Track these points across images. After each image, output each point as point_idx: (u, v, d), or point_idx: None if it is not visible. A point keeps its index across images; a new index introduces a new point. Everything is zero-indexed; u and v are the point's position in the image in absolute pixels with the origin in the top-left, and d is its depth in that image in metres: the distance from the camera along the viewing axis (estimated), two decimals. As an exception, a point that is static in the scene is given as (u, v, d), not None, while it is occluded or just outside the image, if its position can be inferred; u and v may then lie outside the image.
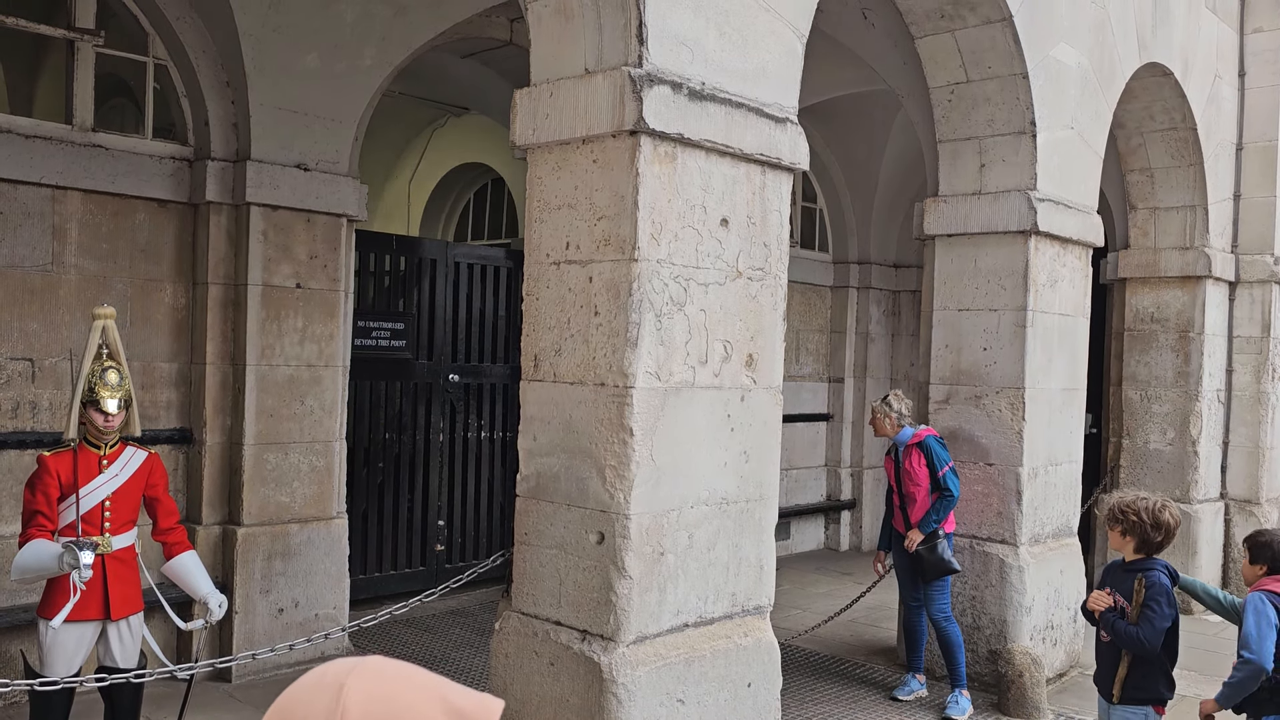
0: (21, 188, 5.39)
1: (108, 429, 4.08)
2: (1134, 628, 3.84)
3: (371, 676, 0.94)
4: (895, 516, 6.19)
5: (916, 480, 5.98)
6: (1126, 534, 3.90)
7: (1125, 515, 3.88)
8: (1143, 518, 3.85)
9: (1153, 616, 3.82)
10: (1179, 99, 8.05)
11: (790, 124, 4.22)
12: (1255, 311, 9.04)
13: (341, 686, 0.92)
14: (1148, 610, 3.84)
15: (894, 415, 6.04)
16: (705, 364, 3.93)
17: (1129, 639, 3.83)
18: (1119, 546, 3.98)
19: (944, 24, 6.08)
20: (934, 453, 5.93)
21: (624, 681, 3.64)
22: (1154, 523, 3.85)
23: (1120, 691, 3.93)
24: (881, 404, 6.14)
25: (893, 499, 6.24)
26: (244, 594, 5.98)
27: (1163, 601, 3.84)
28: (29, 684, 3.92)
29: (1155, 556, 3.93)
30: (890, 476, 6.24)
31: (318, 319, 6.29)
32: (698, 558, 3.95)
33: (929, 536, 5.88)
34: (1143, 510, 3.86)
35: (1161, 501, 3.91)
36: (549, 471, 3.91)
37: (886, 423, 6.06)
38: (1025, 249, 6.11)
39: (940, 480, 5.89)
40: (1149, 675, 3.93)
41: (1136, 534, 3.88)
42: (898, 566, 6.19)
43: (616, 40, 3.70)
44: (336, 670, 0.94)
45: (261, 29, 5.89)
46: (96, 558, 3.94)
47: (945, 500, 5.88)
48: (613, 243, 3.70)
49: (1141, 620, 3.84)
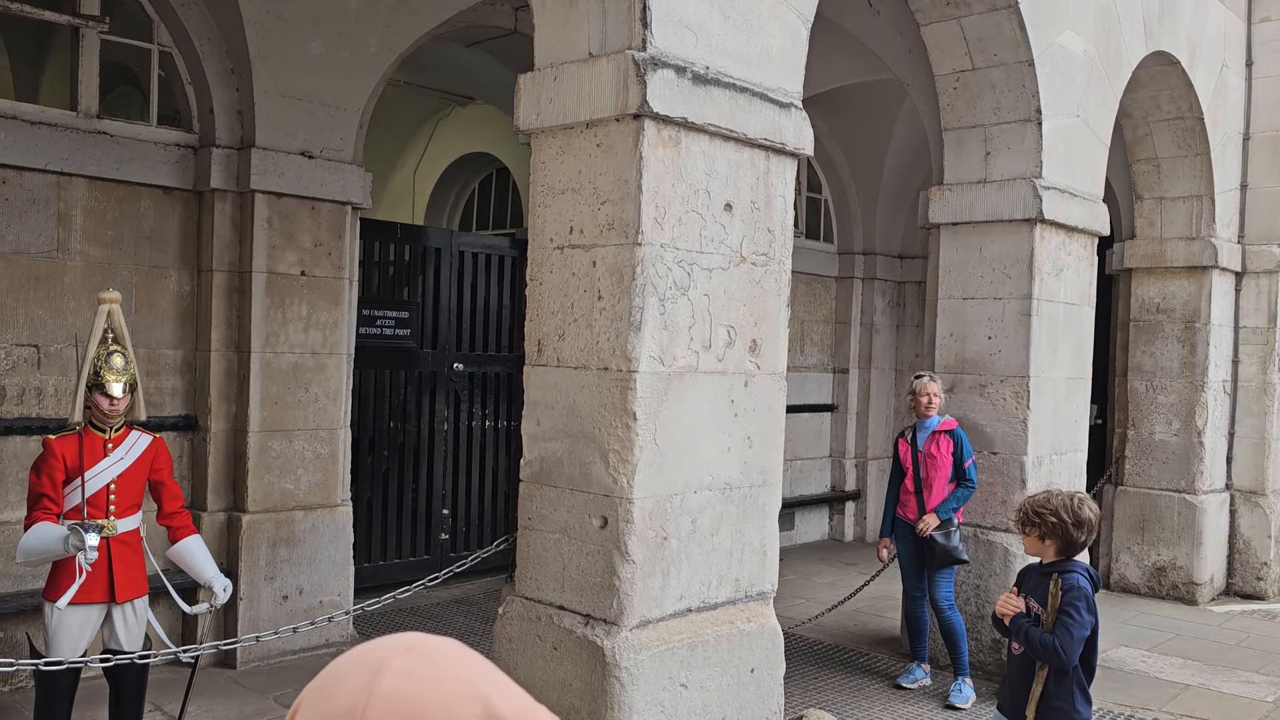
0: (27, 174, 5.40)
1: (113, 413, 4.09)
2: (1050, 636, 3.39)
3: (416, 661, 0.84)
4: (903, 503, 6.10)
5: (939, 466, 5.90)
6: (1046, 537, 3.49)
7: (1042, 516, 3.47)
8: (1063, 517, 3.44)
9: (1070, 624, 3.37)
10: (1186, 88, 8.02)
11: (795, 109, 4.21)
12: (1261, 302, 9.01)
13: (380, 669, 0.83)
14: (1065, 616, 3.40)
15: (939, 399, 5.99)
16: (709, 349, 3.92)
17: (1044, 649, 3.39)
18: (1037, 551, 3.57)
19: (949, 11, 6.06)
20: (964, 442, 5.91)
21: (627, 665, 3.64)
22: (1075, 521, 3.45)
23: (1036, 713, 3.45)
24: (929, 381, 6.01)
25: (903, 485, 6.11)
26: (249, 581, 6.00)
27: (1081, 607, 3.40)
28: (33, 663, 3.94)
29: (1076, 558, 3.53)
30: (906, 460, 6.08)
31: (322, 307, 6.30)
32: (701, 543, 3.95)
33: (944, 523, 5.83)
34: (1061, 509, 3.45)
35: (1078, 496, 3.53)
36: (552, 456, 3.92)
37: (935, 402, 5.96)
38: (1030, 237, 6.10)
39: (966, 471, 5.87)
40: (1067, 692, 3.46)
41: (1058, 536, 3.47)
42: (902, 555, 6.14)
43: (620, 24, 3.70)
44: (386, 648, 0.86)
45: (266, 16, 5.89)
46: (101, 540, 3.95)
47: (966, 490, 5.90)
48: (616, 227, 3.70)
49: (1058, 628, 3.40)
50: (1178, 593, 8.57)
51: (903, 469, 6.13)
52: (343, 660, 0.86)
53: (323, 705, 0.83)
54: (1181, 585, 8.57)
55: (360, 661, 0.84)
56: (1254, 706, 5.99)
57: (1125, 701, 6.00)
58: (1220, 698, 6.13)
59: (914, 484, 6.00)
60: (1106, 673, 6.52)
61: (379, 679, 0.81)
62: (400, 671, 0.82)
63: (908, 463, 6.07)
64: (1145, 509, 8.77)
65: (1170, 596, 8.58)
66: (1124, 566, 8.88)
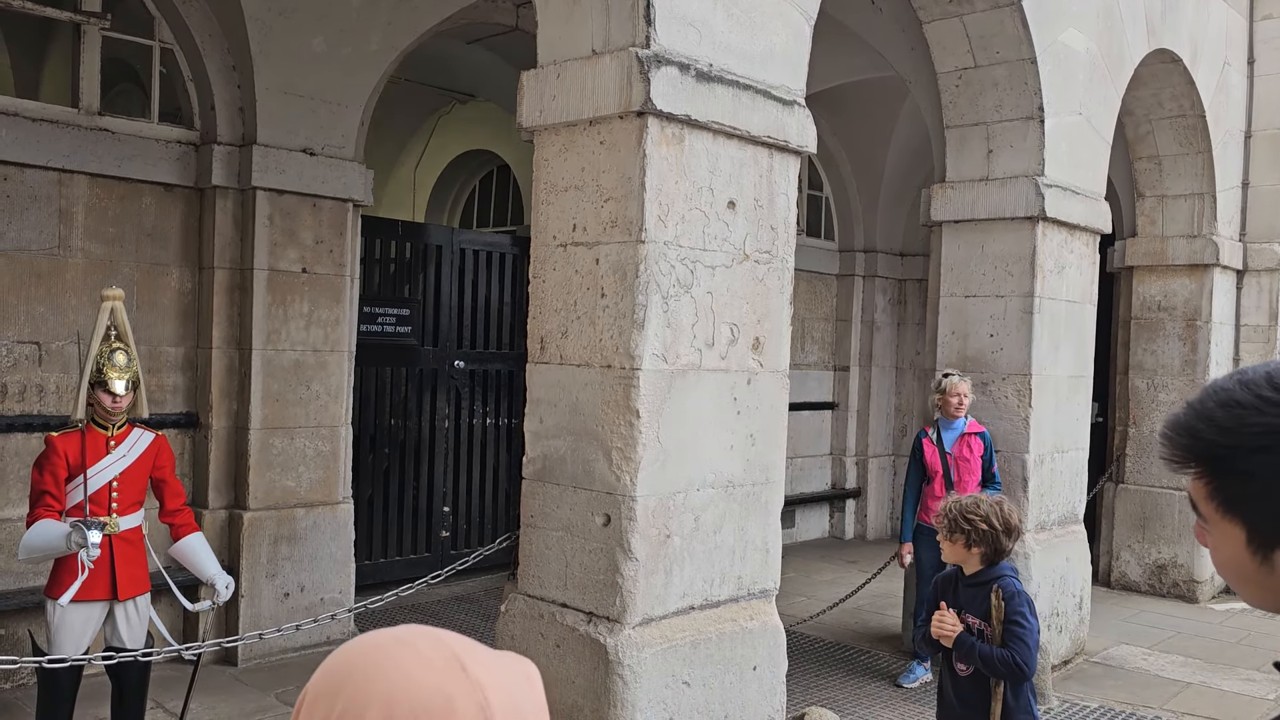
0: (28, 171, 5.40)
1: (115, 410, 4.08)
2: (1004, 650, 3.23)
3: (486, 663, 0.80)
4: (927, 507, 5.80)
5: (972, 470, 5.74)
6: (974, 544, 3.34)
7: (972, 523, 3.31)
8: (994, 523, 3.30)
9: (1022, 632, 3.23)
10: (1188, 86, 8.01)
11: (798, 106, 4.20)
12: (1263, 300, 9.01)
13: (466, 669, 0.78)
14: (1015, 627, 3.25)
15: (969, 398, 5.85)
16: (712, 346, 3.92)
17: (1004, 664, 3.22)
18: (960, 559, 3.42)
19: (952, 8, 6.06)
20: (991, 445, 5.82)
21: (629, 663, 3.64)
22: (1005, 527, 3.32)
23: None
24: (959, 380, 5.83)
25: (927, 488, 5.86)
26: (250, 578, 6.00)
27: (1027, 611, 3.28)
28: (36, 660, 3.94)
29: (1002, 562, 3.40)
30: (934, 462, 5.87)
31: (323, 304, 6.30)
32: (703, 540, 3.95)
33: None
34: (992, 515, 3.31)
35: (1006, 503, 3.40)
36: (555, 454, 3.91)
37: (965, 403, 5.82)
38: (1032, 235, 6.09)
39: (994, 474, 5.76)
40: (1025, 701, 3.31)
41: (988, 543, 3.32)
42: (924, 562, 5.86)
43: (624, 21, 3.69)
44: (436, 647, 0.80)
45: (267, 13, 5.88)
46: (104, 537, 3.95)
47: (996, 493, 5.77)
48: (619, 224, 3.69)
49: (1011, 640, 3.24)
50: (1178, 590, 8.57)
51: (928, 472, 5.91)
52: (401, 682, 0.78)
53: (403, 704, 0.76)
54: (1182, 583, 8.58)
55: (440, 670, 0.79)
56: (1255, 704, 5.99)
57: (1127, 700, 6.00)
58: (1221, 695, 6.13)
59: (944, 488, 5.73)
60: (1107, 670, 6.53)
61: (485, 692, 0.77)
62: (491, 682, 0.79)
63: (935, 465, 5.85)
64: (1146, 507, 8.77)
65: (1171, 594, 8.58)
66: (1125, 564, 8.88)
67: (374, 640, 0.83)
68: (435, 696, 0.77)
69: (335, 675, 0.81)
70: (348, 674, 0.80)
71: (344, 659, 0.82)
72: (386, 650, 0.81)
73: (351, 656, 0.82)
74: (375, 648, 0.82)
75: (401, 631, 0.84)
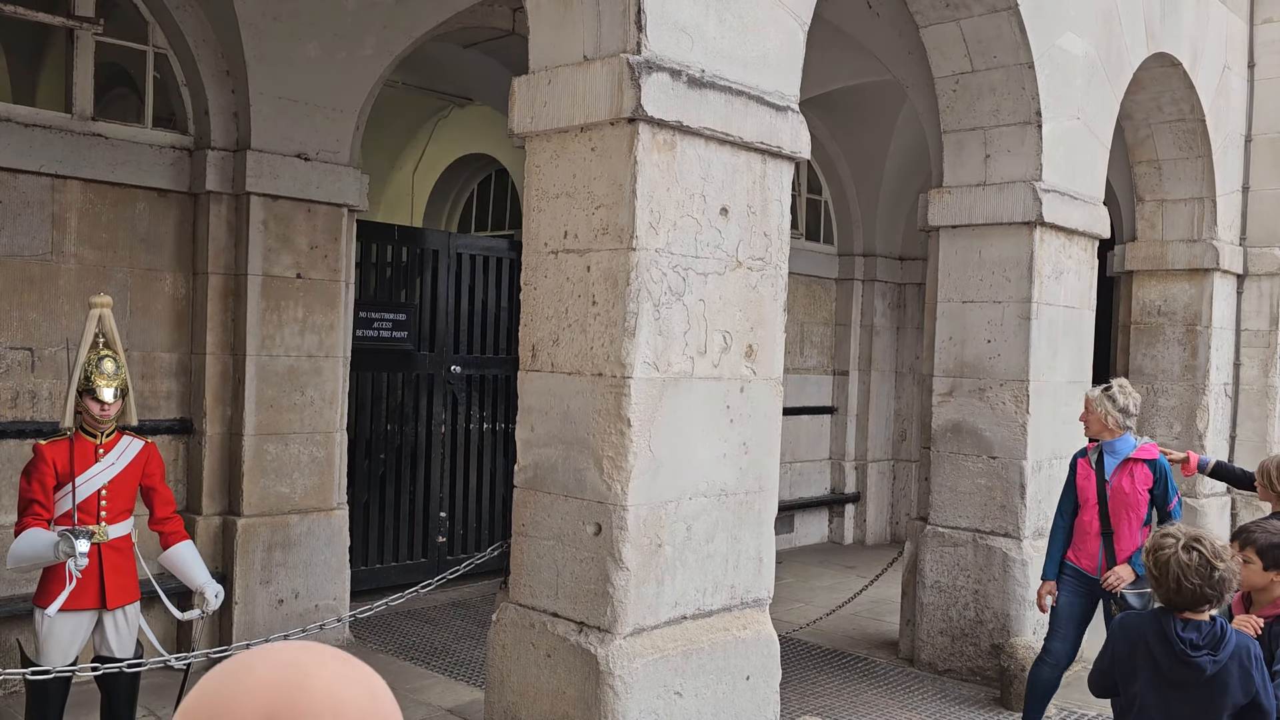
0: (21, 176, 5.38)
1: (104, 418, 4.06)
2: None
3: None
4: (1077, 545, 4.90)
5: (1133, 505, 4.72)
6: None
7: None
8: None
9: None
10: (1187, 90, 7.98)
11: (791, 112, 4.18)
12: (1263, 305, 8.98)
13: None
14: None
15: (1115, 413, 4.73)
16: (704, 354, 3.89)
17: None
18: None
19: (949, 13, 6.03)
20: (1168, 477, 4.77)
21: (621, 674, 3.61)
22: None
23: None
24: (1101, 395, 4.79)
25: (1079, 521, 4.90)
26: (244, 585, 5.97)
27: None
28: (23, 672, 3.91)
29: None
30: (1089, 492, 4.85)
31: (318, 309, 6.27)
32: (696, 549, 3.92)
33: (1139, 579, 4.60)
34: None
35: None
36: (546, 462, 3.89)
37: (1109, 420, 4.74)
38: (1030, 240, 6.06)
39: (1170, 514, 4.71)
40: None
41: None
42: (1062, 607, 4.89)
43: (615, 27, 3.66)
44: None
45: (261, 17, 5.86)
46: (92, 546, 3.92)
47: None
48: (611, 232, 3.66)
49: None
50: (1179, 597, 8.52)
51: (1081, 500, 4.90)
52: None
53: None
54: (1182, 589, 8.52)
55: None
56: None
57: (1125, 707, 5.95)
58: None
59: (1100, 524, 4.77)
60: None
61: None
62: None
63: (1087, 494, 4.85)
64: (1146, 512, 8.73)
65: (1171, 600, 8.53)
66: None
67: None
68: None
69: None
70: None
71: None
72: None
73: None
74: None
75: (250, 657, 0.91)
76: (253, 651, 0.88)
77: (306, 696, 0.83)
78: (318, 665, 0.87)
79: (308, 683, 0.84)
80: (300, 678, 0.85)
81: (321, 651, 0.89)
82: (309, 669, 0.86)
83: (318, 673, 0.86)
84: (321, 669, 0.86)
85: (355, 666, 0.90)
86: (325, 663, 0.87)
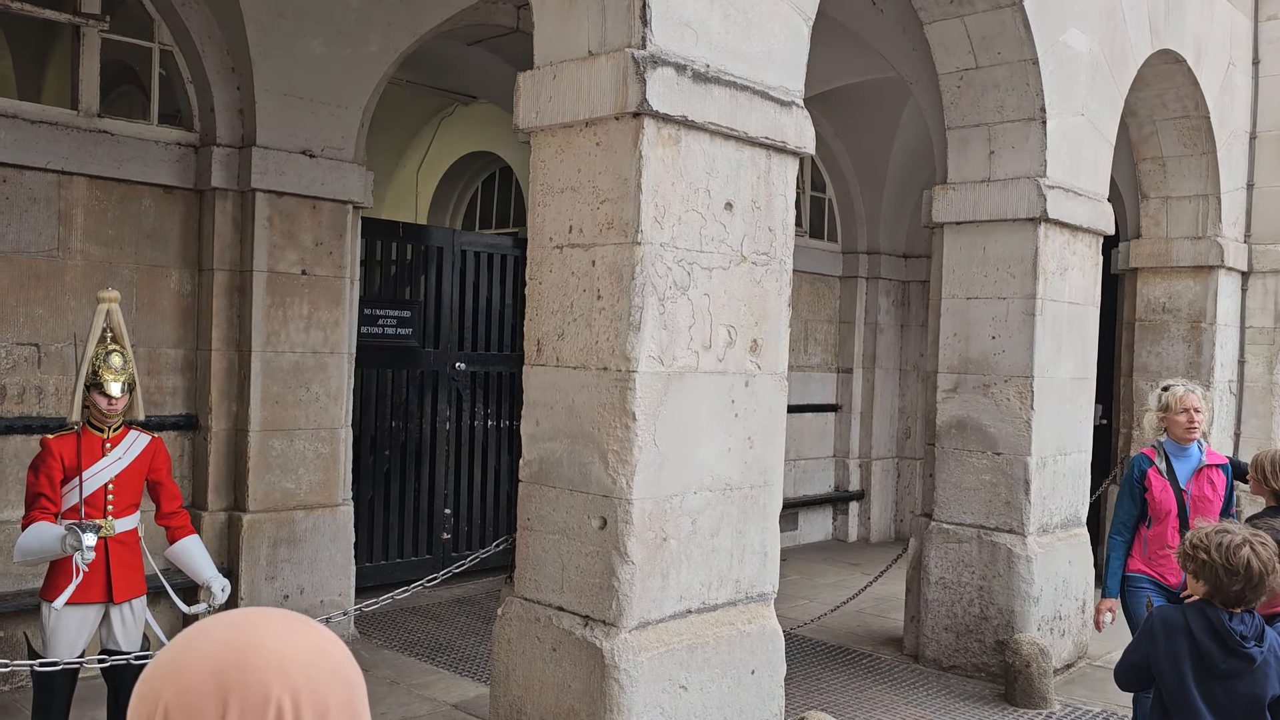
0: (28, 173, 5.40)
1: (111, 412, 4.07)
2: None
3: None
4: (1150, 555, 4.60)
5: (1214, 513, 4.44)
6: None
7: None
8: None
9: None
10: (1192, 86, 7.97)
11: (796, 107, 4.18)
12: (1268, 302, 8.96)
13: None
14: None
15: (1204, 415, 4.51)
16: (709, 349, 3.90)
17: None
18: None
19: (953, 9, 6.03)
20: (1233, 484, 4.56)
21: (626, 667, 3.62)
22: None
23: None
24: (1187, 393, 4.52)
25: (1156, 533, 4.57)
26: (249, 580, 5.99)
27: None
28: (29, 664, 3.93)
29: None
30: (1167, 502, 4.54)
31: (323, 306, 6.29)
32: (701, 544, 3.93)
33: None
34: None
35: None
36: (551, 456, 3.90)
37: (1199, 422, 4.50)
38: (1035, 237, 6.06)
39: (1233, 517, 4.42)
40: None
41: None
42: (1135, 615, 4.55)
43: (620, 22, 3.67)
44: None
45: (267, 15, 5.87)
46: (99, 540, 3.94)
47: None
48: (615, 226, 3.67)
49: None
50: (1183, 594, 8.51)
51: (1152, 511, 4.61)
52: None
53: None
54: (1187, 586, 8.52)
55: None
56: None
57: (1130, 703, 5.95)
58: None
59: (1179, 535, 4.35)
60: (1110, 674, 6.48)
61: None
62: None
63: (1168, 505, 4.54)
64: (1150, 510, 8.72)
65: (1175, 598, 8.53)
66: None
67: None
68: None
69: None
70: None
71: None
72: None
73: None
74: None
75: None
76: (210, 618, 0.92)
77: (254, 652, 0.87)
78: (266, 625, 0.90)
79: (254, 639, 0.88)
80: (248, 636, 0.88)
81: (272, 614, 0.93)
82: (258, 629, 0.89)
83: (265, 632, 0.89)
84: (269, 628, 0.90)
85: (305, 624, 0.93)
86: (273, 623, 0.91)
